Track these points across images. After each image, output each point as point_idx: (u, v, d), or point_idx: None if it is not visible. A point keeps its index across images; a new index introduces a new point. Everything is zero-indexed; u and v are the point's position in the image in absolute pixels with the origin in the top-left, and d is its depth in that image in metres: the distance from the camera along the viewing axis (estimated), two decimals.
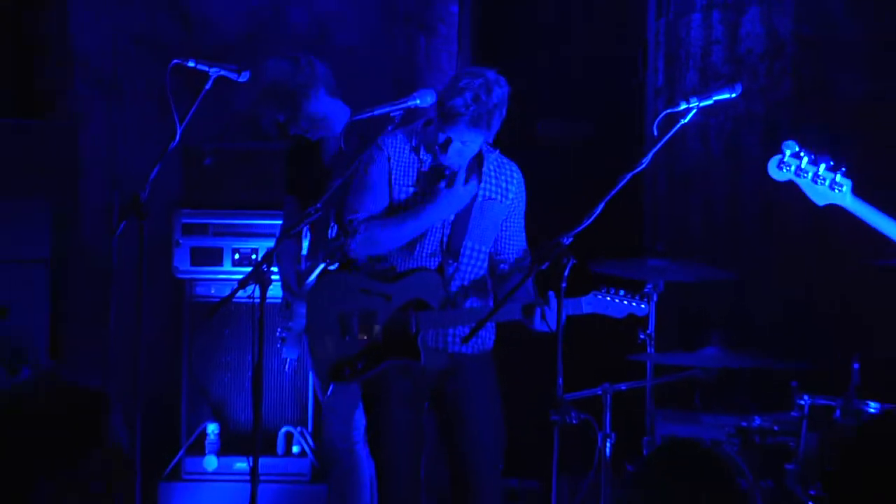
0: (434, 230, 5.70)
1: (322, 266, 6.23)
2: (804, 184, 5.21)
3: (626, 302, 5.60)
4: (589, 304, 5.50)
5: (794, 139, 5.17)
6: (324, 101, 6.33)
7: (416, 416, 5.81)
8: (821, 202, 5.21)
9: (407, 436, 5.82)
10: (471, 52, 7.57)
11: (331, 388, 6.10)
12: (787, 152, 5.19)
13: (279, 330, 6.62)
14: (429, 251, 5.69)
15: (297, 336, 6.50)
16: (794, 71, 7.40)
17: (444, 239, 5.71)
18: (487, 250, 5.77)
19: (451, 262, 5.68)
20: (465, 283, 5.73)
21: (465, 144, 5.60)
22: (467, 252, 5.70)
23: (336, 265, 5.91)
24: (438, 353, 5.70)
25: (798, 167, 5.18)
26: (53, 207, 6.61)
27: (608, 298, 5.56)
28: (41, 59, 7.38)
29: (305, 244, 6.42)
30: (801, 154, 5.18)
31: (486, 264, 5.77)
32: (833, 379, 5.67)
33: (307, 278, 6.31)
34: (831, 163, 5.19)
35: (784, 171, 5.20)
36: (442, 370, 5.74)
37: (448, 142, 5.58)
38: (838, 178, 5.16)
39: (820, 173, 5.17)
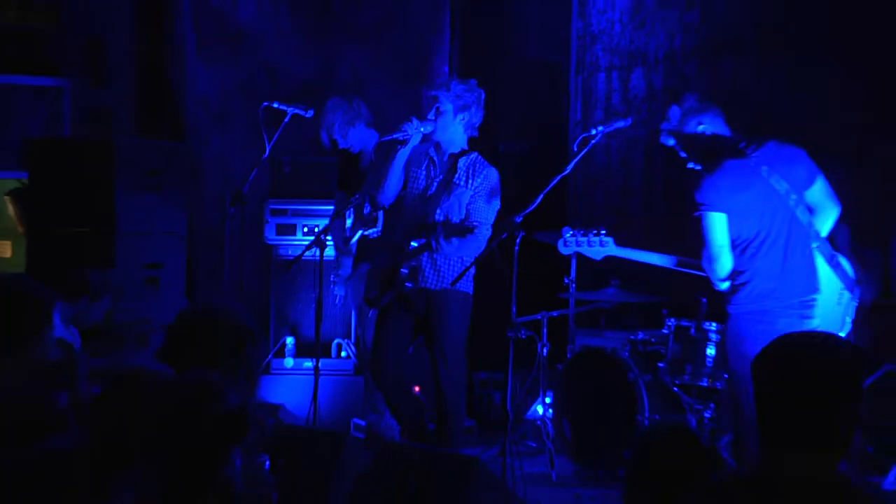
0: (418, 201, 5.50)
1: (360, 232, 6.23)
2: (584, 250, 5.13)
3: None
4: None
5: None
6: (362, 129, 6.32)
7: (404, 329, 5.56)
8: (598, 257, 5.13)
9: (395, 340, 5.60)
10: None
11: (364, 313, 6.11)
12: (567, 234, 5.12)
13: (332, 276, 6.63)
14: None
15: (344, 280, 6.50)
16: (663, 110, 7.39)
17: (428, 202, 5.46)
18: (453, 219, 5.40)
19: (425, 217, 5.42)
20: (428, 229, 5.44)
21: (443, 112, 5.42)
22: (437, 215, 5.40)
23: (370, 231, 5.86)
24: (405, 278, 5.44)
25: (576, 241, 5.10)
26: (187, 199, 6.60)
27: None
28: (178, 99, 7.36)
29: (349, 221, 6.42)
30: (574, 233, 5.11)
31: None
32: (689, 308, 5.67)
33: (350, 241, 6.32)
34: (595, 231, 5.10)
35: (569, 246, 5.13)
36: (421, 298, 5.47)
37: (434, 105, 5.45)
38: (604, 238, 5.08)
39: (591, 240, 5.08)
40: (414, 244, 5.42)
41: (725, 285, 4.74)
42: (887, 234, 5.70)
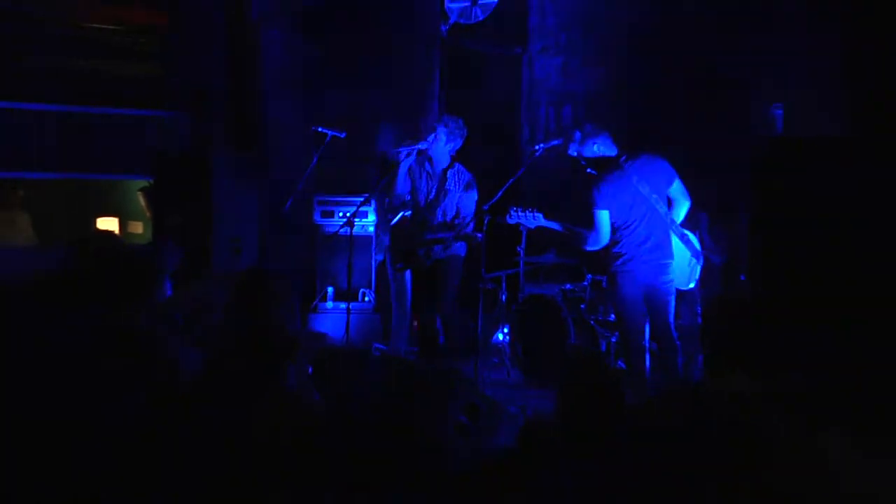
0: (422, 203, 5.44)
1: (401, 214, 6.06)
2: (522, 220, 5.11)
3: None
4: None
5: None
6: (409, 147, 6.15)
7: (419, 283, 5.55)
8: (532, 226, 5.13)
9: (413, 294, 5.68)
10: None
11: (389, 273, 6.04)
12: (511, 210, 5.09)
13: (374, 247, 6.58)
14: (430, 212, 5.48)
15: (384, 251, 6.39)
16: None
17: (430, 205, 5.45)
18: (450, 213, 5.41)
19: (430, 216, 5.43)
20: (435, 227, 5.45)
21: (436, 138, 5.39)
22: (438, 213, 5.42)
23: (404, 213, 5.68)
24: (421, 259, 5.45)
25: (517, 215, 5.09)
26: (260, 192, 6.56)
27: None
28: (255, 124, 7.28)
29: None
30: (518, 209, 5.09)
31: (447, 219, 5.41)
32: (601, 267, 5.62)
33: (392, 222, 6.19)
34: (531, 208, 5.11)
35: (513, 218, 5.10)
36: (429, 266, 5.45)
37: (432, 133, 5.41)
38: (536, 213, 5.10)
39: (528, 214, 5.08)
40: (428, 236, 5.41)
41: (598, 248, 4.86)
42: (733, 217, 5.69)
